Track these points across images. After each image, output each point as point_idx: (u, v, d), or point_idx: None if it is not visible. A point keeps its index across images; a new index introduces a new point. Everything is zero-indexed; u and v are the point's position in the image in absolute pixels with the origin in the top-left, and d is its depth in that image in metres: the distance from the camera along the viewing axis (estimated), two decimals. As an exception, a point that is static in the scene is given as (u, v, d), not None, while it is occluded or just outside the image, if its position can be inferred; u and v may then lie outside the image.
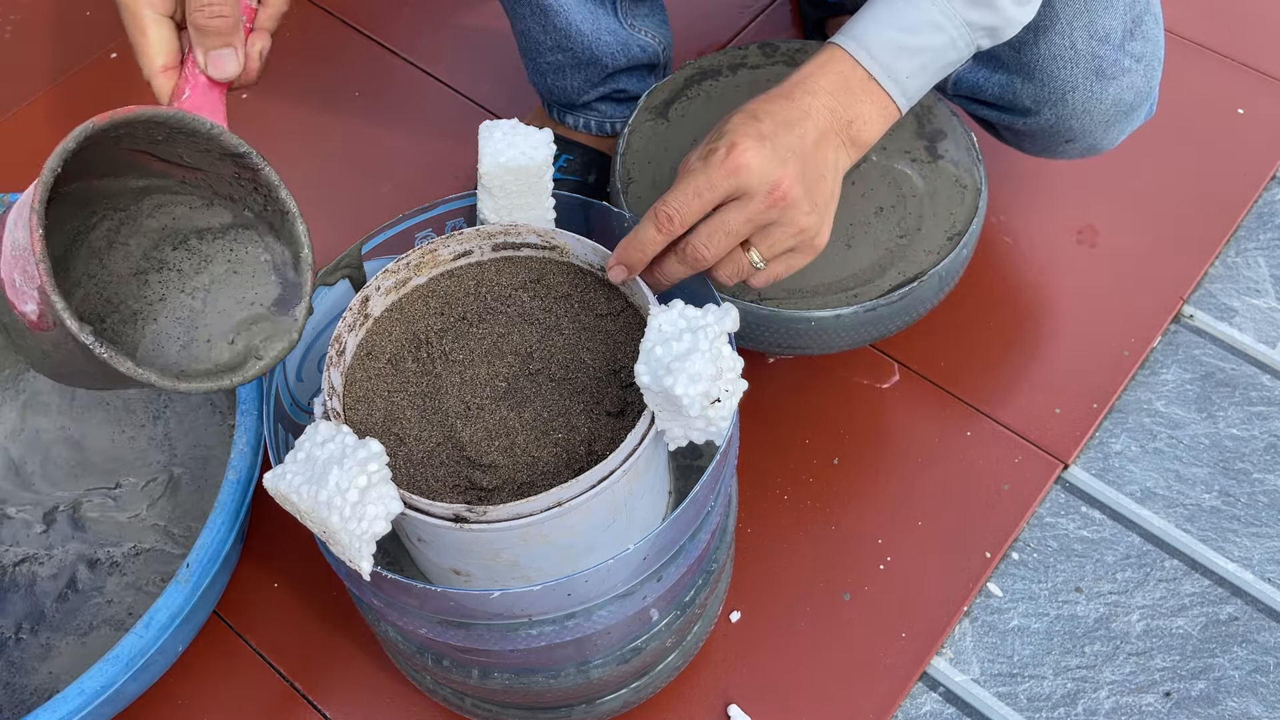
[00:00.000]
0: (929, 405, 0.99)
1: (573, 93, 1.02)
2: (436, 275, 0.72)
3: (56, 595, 0.89)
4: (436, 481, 0.65)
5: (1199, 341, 1.04)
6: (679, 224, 0.68)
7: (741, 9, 1.30)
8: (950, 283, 0.90)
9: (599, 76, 1.00)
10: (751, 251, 0.70)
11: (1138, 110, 0.91)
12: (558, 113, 1.06)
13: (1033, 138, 0.93)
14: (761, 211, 0.68)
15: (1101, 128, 0.90)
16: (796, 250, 0.71)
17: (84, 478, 0.94)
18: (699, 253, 0.69)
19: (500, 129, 0.71)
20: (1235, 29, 1.24)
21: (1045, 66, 0.85)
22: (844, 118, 0.72)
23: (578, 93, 1.02)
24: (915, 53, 0.72)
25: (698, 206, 0.67)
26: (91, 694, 0.74)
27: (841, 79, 0.72)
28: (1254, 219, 1.11)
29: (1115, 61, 0.86)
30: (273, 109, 1.24)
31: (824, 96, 0.71)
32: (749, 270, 0.71)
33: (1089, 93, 0.86)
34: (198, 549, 0.78)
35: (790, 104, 0.70)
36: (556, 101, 1.05)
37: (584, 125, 1.06)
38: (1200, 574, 0.91)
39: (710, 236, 0.68)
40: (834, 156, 0.71)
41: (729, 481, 0.75)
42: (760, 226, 0.69)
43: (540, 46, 0.97)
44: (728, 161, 0.67)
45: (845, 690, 0.86)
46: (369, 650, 0.89)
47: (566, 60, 0.98)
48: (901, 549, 0.92)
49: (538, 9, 0.94)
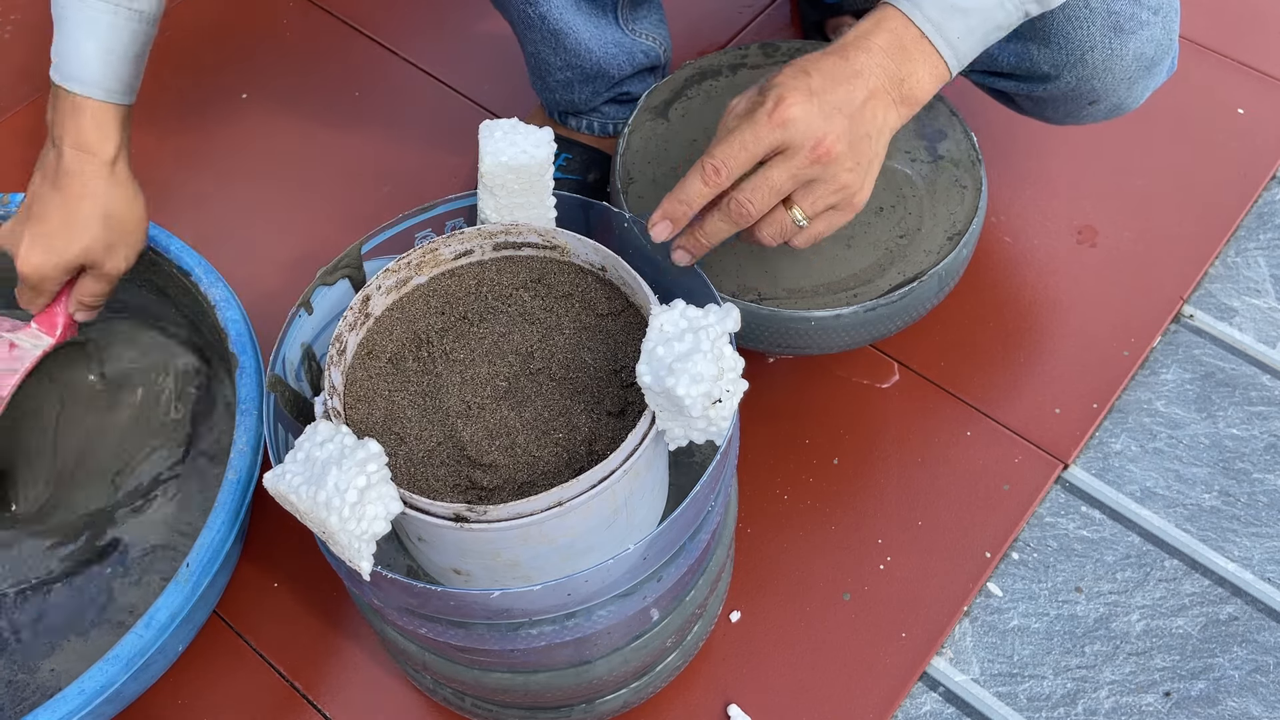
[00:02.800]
0: (929, 405, 0.99)
1: (580, 103, 1.02)
2: (437, 274, 0.72)
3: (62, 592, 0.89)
4: (437, 481, 0.65)
5: (1199, 341, 1.04)
6: (725, 176, 0.68)
7: (741, 9, 1.30)
8: (950, 283, 0.90)
9: (606, 87, 1.00)
10: (794, 209, 0.70)
11: (1159, 64, 0.89)
12: (560, 116, 1.06)
13: (1055, 104, 0.92)
14: (805, 167, 0.68)
15: (1125, 85, 0.88)
16: (837, 208, 0.71)
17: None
18: (744, 208, 0.69)
19: (501, 128, 0.71)
20: (1235, 29, 1.24)
21: (1061, 28, 0.83)
22: (896, 76, 0.71)
23: (585, 103, 1.02)
24: (966, 13, 0.71)
25: (744, 159, 0.68)
26: (91, 693, 0.74)
27: (895, 37, 0.71)
28: (1254, 219, 1.11)
29: (1132, 15, 0.84)
30: (273, 109, 1.24)
31: (877, 55, 0.71)
32: (791, 229, 0.71)
33: (1109, 50, 0.84)
34: (198, 549, 0.78)
35: (843, 62, 0.70)
36: (561, 110, 1.05)
37: (586, 127, 1.06)
38: (1200, 574, 0.91)
39: (755, 191, 0.68)
40: (883, 116, 0.71)
41: (729, 481, 0.75)
42: (803, 182, 0.69)
43: (550, 66, 0.98)
44: (776, 114, 0.67)
45: (845, 690, 0.86)
46: (369, 650, 0.89)
47: (575, 76, 0.98)
48: (901, 549, 0.92)
49: (548, 34, 0.94)
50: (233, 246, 1.11)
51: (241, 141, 1.21)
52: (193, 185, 1.18)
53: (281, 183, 1.18)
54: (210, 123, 1.23)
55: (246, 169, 1.19)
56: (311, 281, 0.74)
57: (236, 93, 1.26)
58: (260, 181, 1.18)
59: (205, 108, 1.24)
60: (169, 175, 1.18)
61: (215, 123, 1.23)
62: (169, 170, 1.19)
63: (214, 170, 1.19)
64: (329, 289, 0.74)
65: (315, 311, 0.74)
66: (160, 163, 1.19)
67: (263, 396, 0.80)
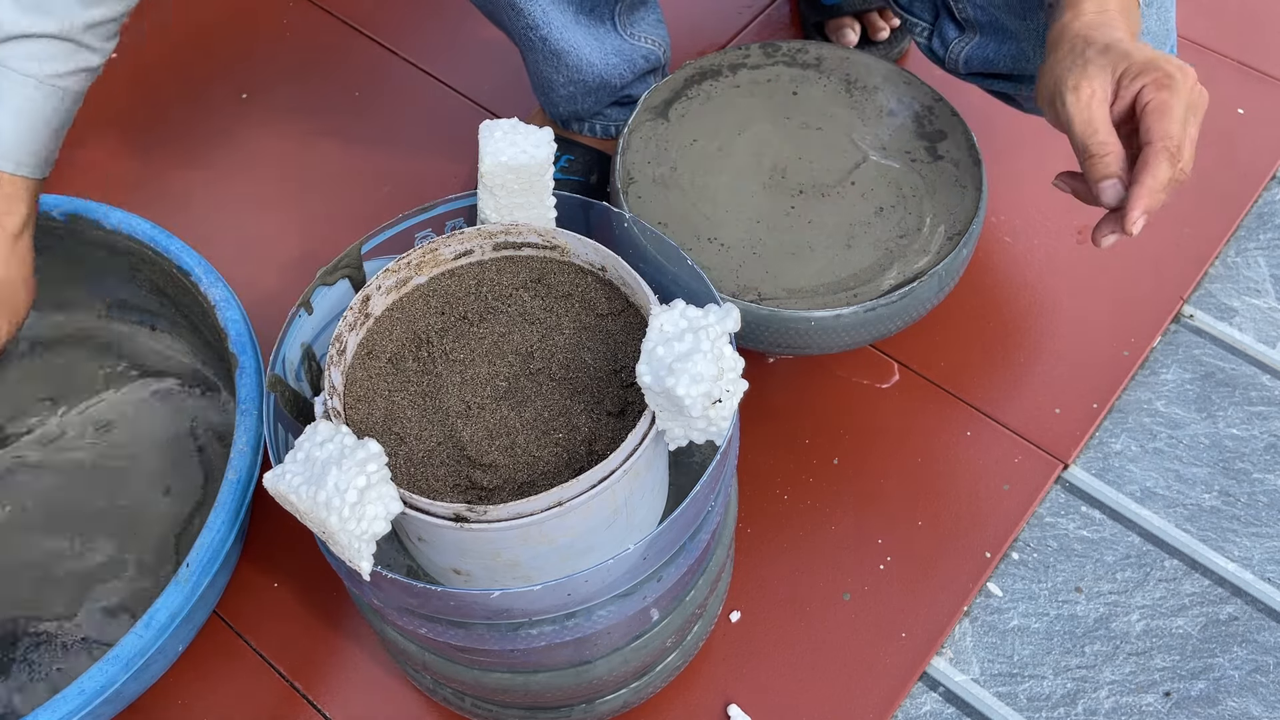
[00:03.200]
0: (929, 405, 0.99)
1: (584, 112, 1.03)
2: (437, 274, 0.72)
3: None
4: (437, 481, 0.65)
5: (1199, 341, 1.04)
6: (1187, 157, 0.69)
7: (741, 9, 1.30)
8: (950, 283, 0.90)
9: (609, 95, 1.01)
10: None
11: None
12: (562, 122, 1.07)
13: None
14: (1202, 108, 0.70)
15: None
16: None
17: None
18: (1188, 170, 0.70)
19: (501, 128, 0.71)
20: (1235, 29, 1.24)
21: None
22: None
23: (588, 111, 1.02)
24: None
25: (1193, 133, 0.69)
26: (91, 693, 0.74)
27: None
28: (1254, 219, 1.11)
29: None
30: (273, 109, 1.24)
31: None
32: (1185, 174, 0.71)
33: None
34: (198, 548, 0.78)
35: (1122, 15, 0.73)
36: (564, 119, 1.05)
37: (588, 130, 1.06)
38: (1200, 574, 0.91)
39: (1192, 151, 0.70)
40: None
41: (729, 481, 0.75)
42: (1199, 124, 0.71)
43: (554, 84, 0.98)
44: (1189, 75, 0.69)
45: (845, 690, 0.86)
46: (369, 650, 0.89)
47: (579, 90, 0.99)
48: (901, 549, 0.92)
49: (550, 54, 0.94)
50: (232, 247, 1.11)
51: (241, 141, 1.21)
52: (193, 185, 1.17)
53: (281, 183, 1.18)
54: (210, 123, 1.23)
55: (246, 169, 1.19)
56: (311, 281, 0.73)
57: (236, 93, 1.26)
58: (260, 181, 1.18)
59: (205, 108, 1.24)
60: (169, 175, 1.18)
61: (215, 123, 1.23)
62: (169, 170, 1.19)
63: (214, 170, 1.19)
64: (329, 289, 0.74)
65: (315, 311, 0.74)
66: (160, 163, 1.19)
67: (263, 396, 0.80)
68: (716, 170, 0.93)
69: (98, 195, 1.20)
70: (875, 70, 0.98)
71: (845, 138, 0.94)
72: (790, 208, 0.91)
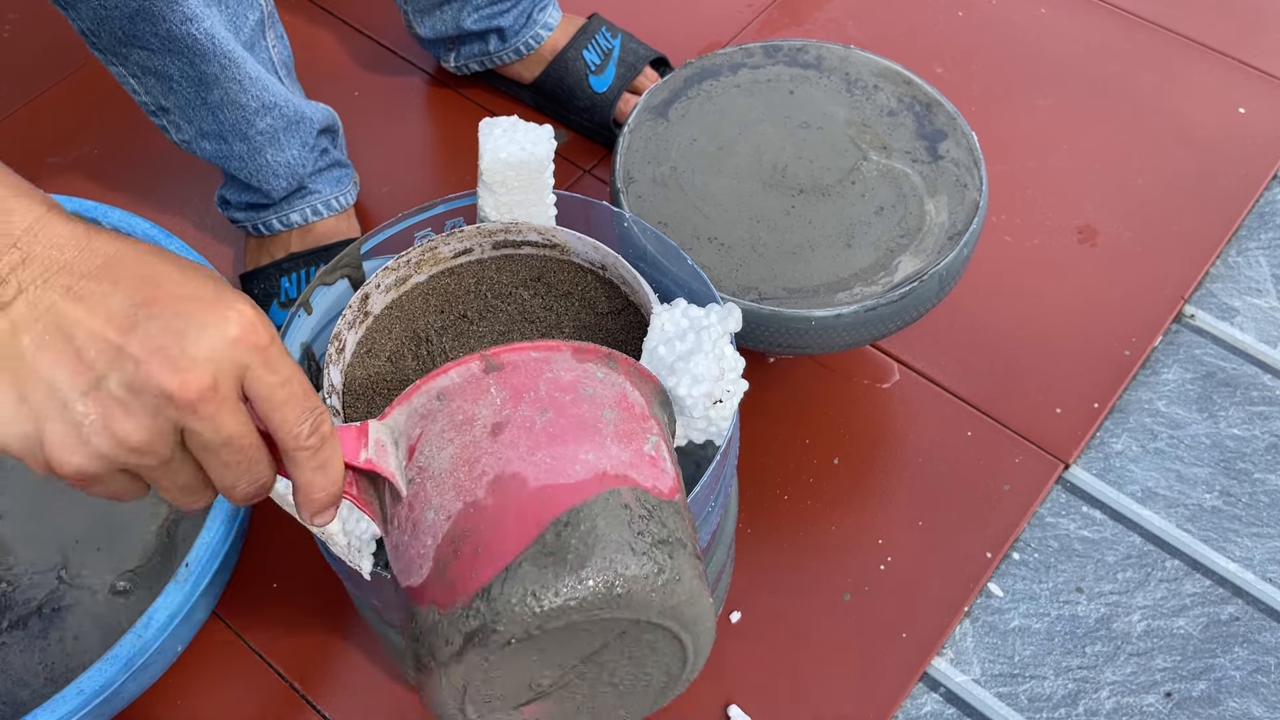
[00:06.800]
0: (929, 405, 0.99)
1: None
2: (437, 273, 0.72)
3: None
4: (436, 480, 0.64)
5: (1200, 341, 1.03)
6: None
7: (742, 9, 1.30)
8: (950, 283, 0.90)
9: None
10: None
11: None
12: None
13: None
14: None
15: None
16: None
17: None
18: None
19: (500, 125, 0.71)
20: (1235, 29, 1.24)
21: None
22: None
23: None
24: None
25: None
26: (91, 694, 0.74)
27: None
28: (1255, 218, 1.11)
29: None
30: (272, 109, 1.24)
31: None
32: None
33: None
34: (197, 549, 0.78)
35: None
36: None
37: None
38: (1201, 574, 0.91)
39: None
40: None
41: (729, 481, 0.74)
42: None
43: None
44: None
45: (845, 690, 0.86)
46: (369, 650, 0.89)
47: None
48: (901, 549, 0.92)
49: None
50: (233, 247, 1.11)
51: (241, 141, 1.21)
52: (192, 185, 1.17)
53: (281, 183, 1.18)
54: (210, 123, 1.23)
55: (246, 169, 1.19)
56: (310, 281, 0.73)
57: (236, 93, 1.25)
58: (260, 181, 1.18)
59: (205, 108, 1.24)
60: (168, 175, 1.18)
61: (215, 123, 1.23)
62: (168, 170, 1.19)
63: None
64: (328, 289, 0.74)
65: (314, 311, 0.74)
66: (160, 163, 1.19)
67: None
68: (716, 170, 0.93)
69: (97, 195, 1.20)
70: (875, 70, 0.98)
71: (845, 138, 0.94)
72: (790, 207, 0.91)
